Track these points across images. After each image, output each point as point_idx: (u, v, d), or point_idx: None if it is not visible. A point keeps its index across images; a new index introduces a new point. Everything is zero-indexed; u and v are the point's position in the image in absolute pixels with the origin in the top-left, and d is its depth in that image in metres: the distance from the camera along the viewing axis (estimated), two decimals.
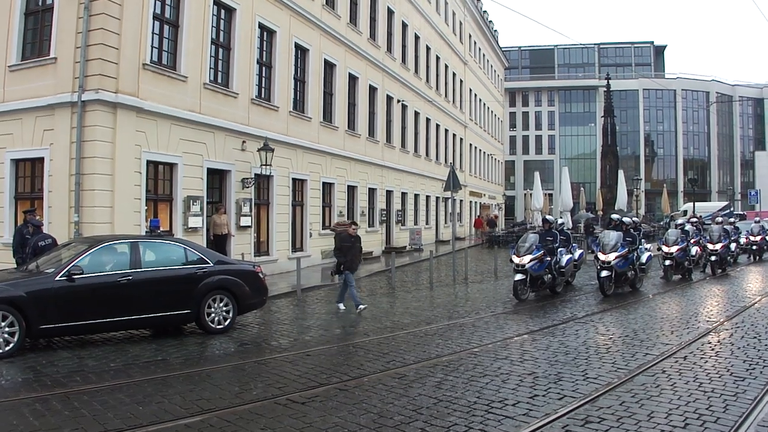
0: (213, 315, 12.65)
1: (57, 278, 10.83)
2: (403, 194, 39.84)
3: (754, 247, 31.49)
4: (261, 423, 7.09)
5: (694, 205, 55.53)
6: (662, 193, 64.40)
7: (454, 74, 52.44)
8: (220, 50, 21.41)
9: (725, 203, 70.68)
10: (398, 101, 38.17)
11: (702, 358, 10.15)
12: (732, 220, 29.64)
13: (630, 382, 8.69)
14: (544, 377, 9.00)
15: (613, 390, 8.30)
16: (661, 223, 56.26)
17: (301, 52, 26.65)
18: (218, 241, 20.13)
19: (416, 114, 41.96)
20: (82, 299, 10.96)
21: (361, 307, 15.62)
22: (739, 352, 10.45)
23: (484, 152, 65.18)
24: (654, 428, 6.81)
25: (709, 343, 11.40)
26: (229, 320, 12.87)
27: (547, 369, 9.50)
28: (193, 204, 19.30)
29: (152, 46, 18.24)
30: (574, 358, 10.22)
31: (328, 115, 29.15)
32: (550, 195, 60.44)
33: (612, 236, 18.91)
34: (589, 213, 45.71)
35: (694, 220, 25.40)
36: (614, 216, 22.36)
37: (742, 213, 53.71)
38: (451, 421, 7.09)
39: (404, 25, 39.54)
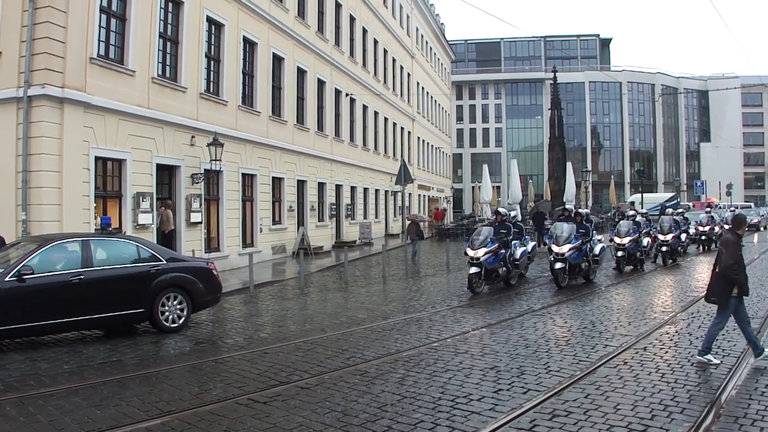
0: (167, 313, 12.50)
1: (6, 279, 10.56)
2: (353, 188, 39.85)
3: (703, 237, 32.08)
4: (224, 424, 6.99)
5: (642, 196, 56.40)
6: (609, 184, 65.23)
7: (401, 67, 52.49)
8: (168, 44, 21.11)
9: (672, 194, 72.15)
10: (346, 95, 38.07)
11: (662, 348, 10.32)
12: (681, 210, 30.06)
13: (593, 374, 8.79)
14: (507, 371, 9.05)
15: (577, 382, 8.38)
16: (608, 214, 56.99)
17: (249, 45, 26.43)
18: (165, 237, 19.88)
19: (364, 107, 41.93)
20: (33, 300, 10.72)
21: None
22: (697, 342, 10.46)
23: (432, 145, 65.49)
24: (622, 420, 6.89)
25: (667, 333, 11.58)
26: (183, 318, 12.75)
27: (508, 363, 9.55)
28: (142, 200, 19.02)
29: (99, 40, 17.87)
30: (535, 351, 10.30)
31: (277, 109, 28.96)
32: (498, 187, 60.80)
33: (565, 228, 18.98)
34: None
35: (631, 213, 25.81)
36: (568, 206, 22.52)
37: (687, 204, 54.87)
38: (417, 418, 7.08)
39: (352, 19, 39.45)
